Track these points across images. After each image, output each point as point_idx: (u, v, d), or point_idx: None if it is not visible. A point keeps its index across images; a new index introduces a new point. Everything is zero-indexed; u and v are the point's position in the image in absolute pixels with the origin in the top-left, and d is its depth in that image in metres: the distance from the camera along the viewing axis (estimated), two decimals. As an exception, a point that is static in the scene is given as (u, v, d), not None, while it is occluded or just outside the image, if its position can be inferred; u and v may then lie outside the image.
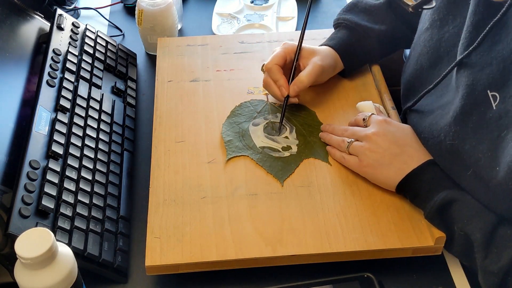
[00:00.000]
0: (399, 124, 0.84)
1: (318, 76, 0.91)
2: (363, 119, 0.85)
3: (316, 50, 0.93)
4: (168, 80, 0.99)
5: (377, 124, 0.82)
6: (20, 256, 0.60)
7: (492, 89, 0.70)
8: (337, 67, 0.96)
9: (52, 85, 0.90)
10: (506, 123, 0.68)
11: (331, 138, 0.87)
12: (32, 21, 1.01)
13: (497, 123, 0.69)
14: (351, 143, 0.83)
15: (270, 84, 0.91)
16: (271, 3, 1.24)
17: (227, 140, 0.88)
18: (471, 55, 0.73)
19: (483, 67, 0.72)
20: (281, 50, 0.91)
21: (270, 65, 0.90)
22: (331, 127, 0.89)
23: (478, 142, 0.71)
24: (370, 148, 0.80)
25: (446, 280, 0.77)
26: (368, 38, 0.95)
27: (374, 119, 0.83)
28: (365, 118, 0.85)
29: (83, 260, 0.73)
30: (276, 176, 0.84)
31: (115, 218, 0.81)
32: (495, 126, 0.69)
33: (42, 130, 0.82)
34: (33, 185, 0.74)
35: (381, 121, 0.83)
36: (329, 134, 0.88)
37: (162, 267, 0.74)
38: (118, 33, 1.20)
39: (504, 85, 0.69)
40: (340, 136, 0.86)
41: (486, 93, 0.70)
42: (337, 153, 0.85)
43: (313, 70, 0.90)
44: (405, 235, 0.76)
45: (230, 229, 0.77)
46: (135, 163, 0.93)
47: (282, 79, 0.89)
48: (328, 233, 0.77)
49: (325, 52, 0.94)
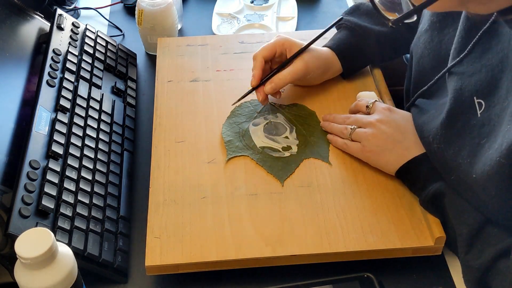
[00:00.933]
0: (402, 111, 0.85)
1: (300, 76, 0.91)
2: (367, 106, 0.86)
3: (309, 49, 0.92)
4: (168, 80, 0.99)
5: (381, 111, 0.84)
6: (20, 256, 0.60)
7: (478, 96, 0.71)
8: (332, 69, 0.96)
9: (52, 85, 0.90)
10: (487, 131, 0.69)
11: (333, 127, 0.88)
12: (32, 21, 1.01)
13: (479, 130, 0.70)
14: (354, 130, 0.84)
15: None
16: (271, 3, 1.24)
17: (227, 140, 0.88)
18: (463, 62, 0.74)
19: (473, 73, 0.72)
20: (272, 43, 0.92)
21: (256, 55, 0.91)
22: (331, 116, 0.90)
23: (460, 148, 0.72)
24: (374, 134, 0.81)
25: (446, 280, 0.77)
26: (368, 38, 0.95)
27: (379, 106, 0.85)
28: (368, 106, 0.86)
29: (83, 260, 0.73)
30: (277, 176, 0.84)
31: (115, 218, 0.81)
32: (477, 134, 0.70)
33: (42, 130, 0.82)
34: (33, 185, 0.74)
35: (385, 108, 0.84)
36: (330, 123, 0.89)
37: (162, 267, 0.74)
38: (118, 33, 1.20)
39: (490, 93, 0.69)
40: (342, 124, 0.87)
41: (473, 99, 0.71)
42: (339, 140, 0.86)
43: (294, 69, 0.90)
44: (405, 235, 0.76)
45: (230, 229, 0.77)
46: (135, 163, 0.93)
47: (257, 69, 0.90)
48: (328, 233, 0.77)
49: (319, 52, 0.93)
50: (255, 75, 0.90)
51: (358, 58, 0.97)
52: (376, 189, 0.82)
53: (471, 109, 0.71)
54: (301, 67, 0.90)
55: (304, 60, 0.90)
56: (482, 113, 0.70)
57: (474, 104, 0.71)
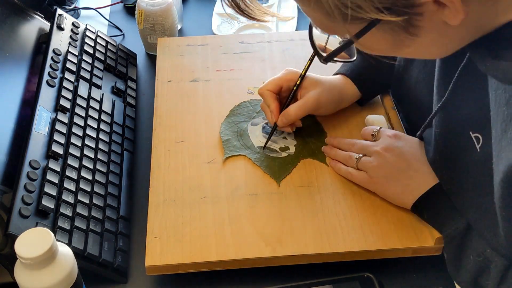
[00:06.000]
0: (409, 138, 0.80)
1: (310, 110, 0.86)
2: (372, 134, 0.82)
3: (319, 82, 0.87)
4: (168, 80, 0.99)
5: (386, 138, 0.80)
6: (20, 256, 0.60)
7: (474, 130, 0.66)
8: (347, 98, 0.90)
9: (52, 85, 0.90)
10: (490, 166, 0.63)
11: (337, 153, 0.84)
12: (32, 21, 1.01)
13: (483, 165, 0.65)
14: (359, 159, 0.80)
15: (265, 109, 0.88)
16: (271, 3, 1.24)
17: (225, 139, 0.88)
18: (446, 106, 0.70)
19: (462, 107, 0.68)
20: (278, 76, 0.87)
21: (262, 90, 0.87)
22: (336, 141, 0.86)
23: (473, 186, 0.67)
24: (379, 163, 0.78)
25: (446, 280, 0.77)
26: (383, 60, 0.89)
27: (384, 134, 0.81)
28: (373, 134, 0.82)
29: (83, 260, 0.73)
30: (273, 176, 0.84)
31: (115, 218, 0.81)
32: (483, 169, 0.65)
33: (42, 130, 0.82)
34: (33, 185, 0.74)
35: (391, 135, 0.80)
36: (333, 148, 0.85)
37: (162, 267, 0.74)
38: (118, 33, 1.20)
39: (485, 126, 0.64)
40: (347, 150, 0.83)
41: (469, 135, 0.67)
42: (342, 167, 0.82)
43: (304, 104, 0.85)
44: (405, 235, 0.76)
45: (230, 229, 0.77)
46: (135, 163, 0.93)
47: (273, 104, 0.85)
48: (328, 233, 0.77)
49: (331, 84, 0.88)
50: (273, 110, 0.85)
51: (375, 80, 0.91)
52: (376, 189, 0.82)
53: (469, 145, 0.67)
54: (312, 100, 0.85)
55: (316, 93, 0.85)
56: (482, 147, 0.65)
57: (471, 139, 0.67)
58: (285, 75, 0.87)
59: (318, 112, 0.89)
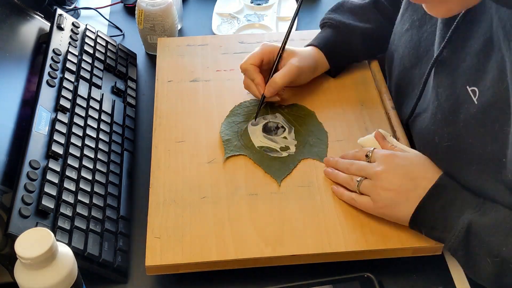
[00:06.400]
0: (405, 154, 0.78)
1: (294, 77, 0.90)
2: (366, 155, 0.80)
3: (296, 52, 0.92)
4: (168, 80, 0.99)
5: (384, 159, 0.77)
6: (20, 256, 0.60)
7: (470, 85, 0.70)
8: (320, 67, 0.96)
9: (52, 85, 0.90)
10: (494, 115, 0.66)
11: (337, 176, 0.81)
12: (32, 21, 1.01)
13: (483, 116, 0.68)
14: (361, 182, 0.77)
15: (249, 84, 0.92)
16: (271, 3, 1.24)
17: (225, 139, 0.88)
18: (443, 52, 0.74)
19: (459, 64, 0.71)
20: (258, 50, 0.91)
21: (245, 65, 0.90)
22: (334, 161, 0.83)
23: (473, 139, 0.69)
24: (382, 186, 0.75)
25: (446, 280, 0.77)
26: (353, 35, 0.95)
27: (379, 154, 0.78)
28: (368, 155, 0.79)
29: (83, 260, 0.73)
30: (274, 176, 0.84)
31: (115, 218, 0.81)
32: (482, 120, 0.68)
33: (42, 130, 0.82)
34: (33, 185, 0.74)
35: (387, 155, 0.77)
36: (334, 170, 0.82)
37: (162, 267, 0.74)
38: (118, 33, 1.20)
39: (480, 79, 0.68)
40: (345, 171, 0.81)
41: (466, 89, 0.70)
42: (345, 193, 0.79)
43: (288, 71, 0.89)
44: (405, 235, 0.76)
45: (230, 229, 0.77)
46: (135, 163, 0.93)
47: (258, 77, 0.90)
48: (328, 233, 0.77)
49: (306, 53, 0.93)
50: (259, 82, 0.90)
51: (344, 55, 0.97)
52: (376, 189, 0.82)
53: (467, 99, 0.70)
54: (294, 67, 0.90)
55: (296, 61, 0.90)
56: (478, 99, 0.68)
57: (468, 93, 0.70)
58: (264, 49, 0.91)
59: (299, 80, 0.93)
